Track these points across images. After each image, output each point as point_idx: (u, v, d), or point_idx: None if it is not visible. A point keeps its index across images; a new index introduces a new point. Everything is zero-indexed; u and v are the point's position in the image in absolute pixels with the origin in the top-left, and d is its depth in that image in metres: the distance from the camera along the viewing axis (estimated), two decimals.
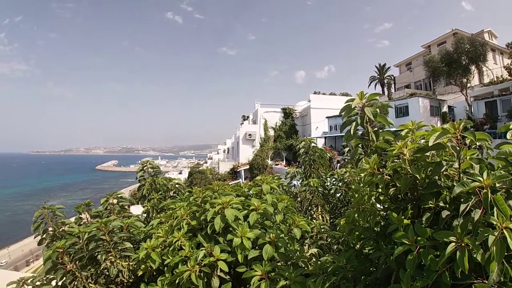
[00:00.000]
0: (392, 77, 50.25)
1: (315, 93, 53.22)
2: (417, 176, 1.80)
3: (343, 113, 2.58)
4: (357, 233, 2.40)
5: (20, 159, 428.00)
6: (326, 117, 39.30)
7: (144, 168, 4.95)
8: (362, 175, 2.20)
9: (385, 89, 48.73)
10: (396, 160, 2.01)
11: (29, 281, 3.19)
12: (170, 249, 2.93)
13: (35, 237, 3.59)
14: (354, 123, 2.50)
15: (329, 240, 3.53)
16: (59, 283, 3.13)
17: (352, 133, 2.51)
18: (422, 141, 1.91)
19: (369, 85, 51.90)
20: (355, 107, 2.47)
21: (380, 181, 2.02)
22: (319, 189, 4.90)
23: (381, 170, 2.08)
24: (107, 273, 3.20)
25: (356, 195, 2.38)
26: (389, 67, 50.75)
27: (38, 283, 3.18)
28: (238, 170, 41.65)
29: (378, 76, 50.61)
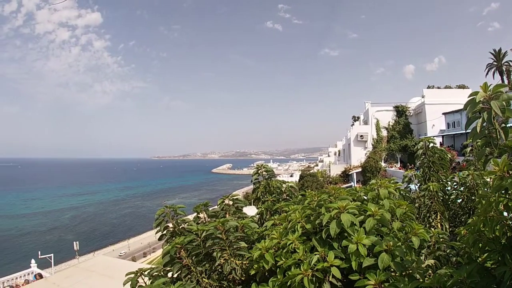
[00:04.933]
0: (511, 63, 44.09)
1: (428, 87, 49.43)
2: None
3: (467, 109, 2.49)
4: (481, 244, 2.34)
5: (142, 163, 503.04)
6: (443, 114, 35.93)
7: (259, 172, 5.31)
8: (489, 179, 2.16)
9: (504, 77, 43.09)
10: None
11: (146, 272, 3.49)
12: (284, 251, 3.08)
13: (156, 233, 4.07)
14: (480, 120, 2.38)
15: (447, 251, 3.39)
16: (175, 276, 3.54)
17: (478, 131, 2.41)
18: None
19: (487, 73, 46.15)
20: (480, 101, 2.37)
21: (510, 185, 1.97)
22: (439, 194, 4.67)
23: (511, 172, 2.03)
24: (220, 270, 3.52)
25: (483, 202, 2.31)
26: (505, 52, 44.27)
27: (155, 274, 3.52)
28: (350, 173, 41.76)
29: (495, 63, 44.71)
